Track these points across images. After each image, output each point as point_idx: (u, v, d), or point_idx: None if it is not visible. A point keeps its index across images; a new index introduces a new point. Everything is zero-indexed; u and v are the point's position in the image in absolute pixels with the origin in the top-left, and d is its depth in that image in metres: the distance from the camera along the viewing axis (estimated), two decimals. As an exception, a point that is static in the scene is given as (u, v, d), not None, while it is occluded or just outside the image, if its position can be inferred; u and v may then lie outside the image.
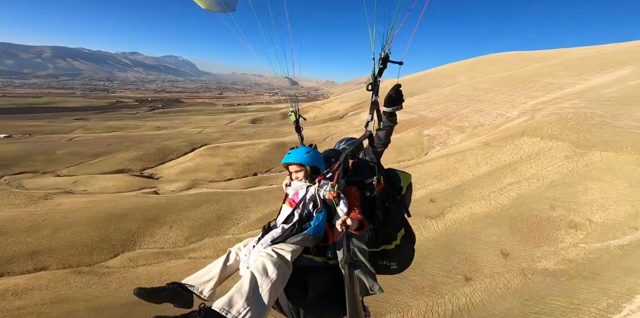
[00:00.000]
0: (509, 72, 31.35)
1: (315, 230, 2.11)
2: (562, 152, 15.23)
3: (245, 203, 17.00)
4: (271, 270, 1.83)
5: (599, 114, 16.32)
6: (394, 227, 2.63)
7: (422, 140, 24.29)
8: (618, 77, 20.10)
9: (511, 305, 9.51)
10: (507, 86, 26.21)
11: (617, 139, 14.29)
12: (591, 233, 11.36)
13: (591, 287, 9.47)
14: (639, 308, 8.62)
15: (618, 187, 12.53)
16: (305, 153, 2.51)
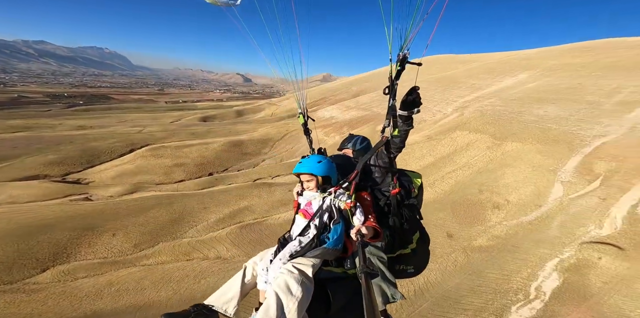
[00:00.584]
0: (442, 74, 35.68)
1: (334, 243, 2.08)
2: (485, 143, 18.16)
3: (204, 204, 16.03)
4: (295, 288, 1.82)
5: (509, 111, 19.88)
6: (409, 231, 2.58)
7: (375, 135, 26.00)
8: (520, 80, 24.78)
9: (460, 280, 11.15)
10: (442, 86, 29.86)
11: (522, 131, 17.63)
12: (509, 212, 13.95)
13: (514, 258, 11.74)
14: (549, 274, 11.07)
15: (524, 172, 15.58)
16: (317, 162, 2.42)
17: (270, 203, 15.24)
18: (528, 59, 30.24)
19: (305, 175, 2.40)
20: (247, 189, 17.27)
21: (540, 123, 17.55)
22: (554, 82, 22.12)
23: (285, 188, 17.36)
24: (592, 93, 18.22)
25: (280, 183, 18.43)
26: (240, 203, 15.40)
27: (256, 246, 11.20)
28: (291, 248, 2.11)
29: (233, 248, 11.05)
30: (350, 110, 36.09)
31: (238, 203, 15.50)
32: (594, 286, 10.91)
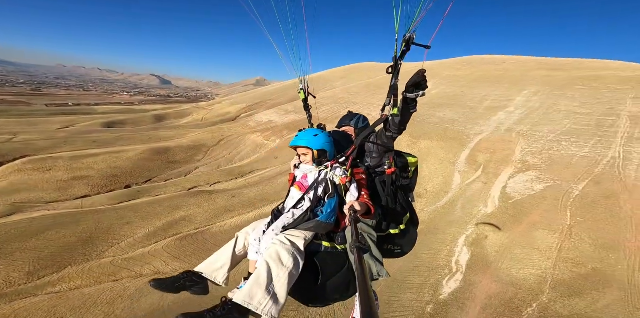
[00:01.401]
0: (369, 80, 40.52)
1: (327, 217, 2.10)
2: (406, 142, 21.52)
3: (125, 219, 13.55)
4: (286, 258, 1.85)
5: (420, 114, 24.20)
6: (400, 212, 2.59)
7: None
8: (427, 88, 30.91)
9: (402, 263, 12.80)
10: (371, 91, 33.93)
11: (431, 131, 21.71)
12: (428, 199, 16.89)
13: (437, 239, 14.24)
14: (462, 250, 13.86)
15: (435, 165, 19.18)
16: (313, 136, 2.41)
17: (213, 212, 14.08)
18: (430, 69, 37.77)
19: (301, 148, 2.42)
20: (182, 199, 15.45)
21: (441, 124, 21.93)
22: (447, 90, 28.22)
23: (229, 195, 16.34)
24: (470, 100, 24.11)
25: (221, 190, 17.20)
26: (175, 215, 13.66)
27: (201, 257, 10.16)
28: (284, 220, 2.14)
29: (174, 262, 9.71)
30: (289, 114, 36.72)
31: (172, 214, 13.71)
32: (490, 256, 14.21)
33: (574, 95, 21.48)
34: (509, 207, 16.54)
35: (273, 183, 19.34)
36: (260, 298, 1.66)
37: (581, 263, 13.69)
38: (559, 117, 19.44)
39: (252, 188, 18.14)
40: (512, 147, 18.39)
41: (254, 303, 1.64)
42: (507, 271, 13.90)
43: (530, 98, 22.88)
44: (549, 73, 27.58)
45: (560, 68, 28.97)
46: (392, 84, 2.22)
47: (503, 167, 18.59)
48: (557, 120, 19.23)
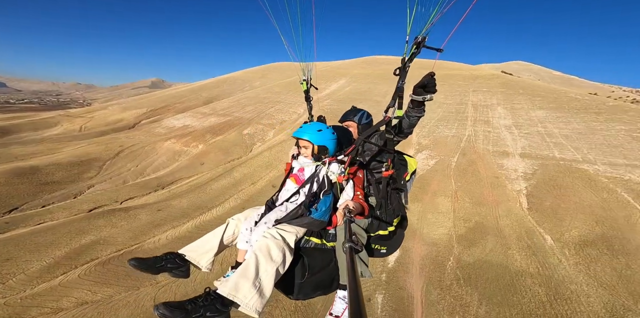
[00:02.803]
0: (288, 79, 41.99)
1: (322, 215, 2.10)
2: (334, 134, 24.05)
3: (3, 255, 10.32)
4: (275, 253, 1.85)
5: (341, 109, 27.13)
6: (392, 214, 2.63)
7: (244, 139, 26.74)
8: (341, 85, 34.37)
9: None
10: (291, 90, 35.38)
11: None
12: None
13: None
14: None
15: None
16: (316, 130, 2.40)
17: (137, 229, 12.23)
18: (340, 68, 42.39)
19: (303, 141, 2.42)
20: (85, 222, 12.71)
21: (361, 117, 25.49)
22: (358, 86, 32.60)
23: (153, 209, 14.41)
24: (376, 95, 28.80)
25: (140, 206, 14.95)
26: (80, 240, 11.20)
27: (144, 275, 8.89)
28: (278, 213, 2.15)
29: (105, 288, 8.12)
30: (208, 117, 34.17)
31: (76, 240, 11.19)
32: (414, 223, 17.42)
33: (441, 89, 28.86)
34: (417, 180, 20.92)
35: (206, 190, 18.16)
36: (246, 291, 1.66)
37: (468, 219, 18.35)
38: (435, 107, 25.71)
39: (182, 199, 16.59)
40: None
41: (239, 296, 1.65)
42: (427, 234, 17.46)
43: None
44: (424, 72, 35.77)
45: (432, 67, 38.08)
46: (399, 86, 2.26)
47: (408, 148, 23.19)
48: (434, 109, 25.35)
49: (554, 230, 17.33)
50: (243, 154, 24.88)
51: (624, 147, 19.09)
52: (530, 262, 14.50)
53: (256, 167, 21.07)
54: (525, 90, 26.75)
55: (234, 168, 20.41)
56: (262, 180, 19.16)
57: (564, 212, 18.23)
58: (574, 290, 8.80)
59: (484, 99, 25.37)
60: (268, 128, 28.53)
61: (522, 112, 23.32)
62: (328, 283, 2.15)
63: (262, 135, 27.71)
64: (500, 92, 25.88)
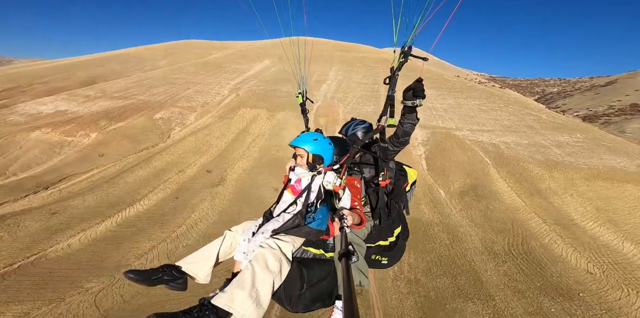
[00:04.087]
0: (204, 58, 37.45)
1: (319, 224, 2.11)
2: (265, 115, 23.36)
3: None
4: (272, 264, 1.84)
5: (268, 90, 26.60)
6: (392, 224, 2.64)
7: (157, 124, 22.93)
8: (265, 65, 33.35)
9: None
10: (211, 70, 31.86)
11: (283, 104, 24.73)
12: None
13: None
14: None
15: (294, 131, 22.39)
16: (312, 139, 2.41)
17: (27, 238, 9.25)
18: (264, 48, 40.77)
19: (299, 149, 2.45)
20: None
21: (288, 97, 25.53)
22: (284, 67, 32.37)
23: (43, 213, 11.02)
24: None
25: (21, 212, 11.19)
26: None
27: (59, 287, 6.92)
28: (275, 224, 2.15)
29: (12, 306, 5.95)
30: (96, 101, 27.16)
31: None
32: None
33: (358, 70, 32.26)
34: (348, 153, 23.36)
35: (118, 184, 15.12)
36: (242, 302, 1.63)
37: None
38: (354, 86, 28.58)
39: (86, 197, 13.38)
40: (337, 110, 25.02)
41: (235, 307, 1.62)
42: None
43: (337, 73, 31.53)
44: (343, 53, 38.87)
45: (349, 50, 41.63)
46: (389, 95, 2.33)
47: (336, 125, 25.12)
48: (354, 89, 28.15)
49: (444, 185, 22.56)
50: (159, 140, 21.42)
51: (477, 116, 25.94)
52: (434, 213, 18.72)
53: (181, 154, 18.69)
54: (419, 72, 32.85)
55: (151, 157, 17.49)
56: (193, 167, 17.30)
57: (449, 169, 23.75)
58: (463, 232, 11.72)
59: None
60: (187, 111, 25.22)
61: None
62: (328, 295, 2.13)
63: (181, 119, 24.36)
64: (402, 74, 30.93)
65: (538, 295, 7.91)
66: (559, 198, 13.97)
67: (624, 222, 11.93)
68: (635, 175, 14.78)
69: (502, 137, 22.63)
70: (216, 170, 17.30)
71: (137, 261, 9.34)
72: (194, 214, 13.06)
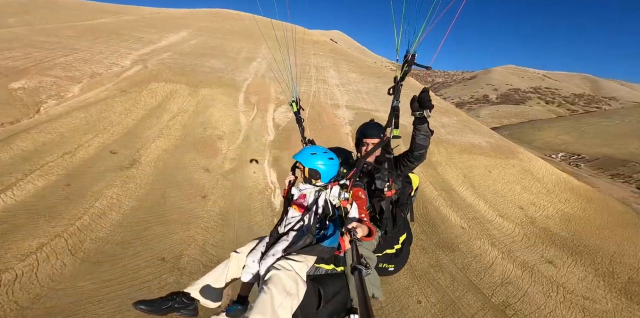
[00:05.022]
0: (87, 22, 29.27)
1: (330, 242, 2.05)
2: (186, 91, 20.37)
3: None
4: (289, 285, 1.79)
5: (188, 63, 23.28)
6: (398, 232, 2.65)
7: (17, 95, 16.85)
8: (183, 37, 28.85)
9: (241, 196, 13.47)
10: (101, 36, 25.21)
11: (206, 79, 22.14)
12: (229, 139, 18.29)
13: (253, 168, 16.29)
14: (269, 170, 16.72)
15: (222, 109, 20.44)
16: (309, 154, 2.34)
17: None
18: (183, 18, 34.92)
19: (300, 163, 2.42)
20: None
21: (214, 73, 23.02)
22: (207, 40, 28.81)
23: None
24: (230, 51, 27.09)
25: None
26: None
27: None
28: (284, 244, 2.09)
29: None
30: None
31: None
32: (287, 169, 18.94)
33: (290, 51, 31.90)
34: (281, 132, 22.76)
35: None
36: None
37: None
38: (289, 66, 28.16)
39: None
40: (269, 89, 24.23)
41: None
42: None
43: (267, 51, 30.30)
44: (272, 32, 37.25)
45: (280, 28, 40.24)
46: (394, 106, 2.30)
47: (268, 104, 24.25)
48: (288, 69, 27.72)
49: None
50: (22, 115, 15.95)
51: (390, 100, 30.39)
52: None
53: (65, 133, 14.49)
54: (345, 57, 34.82)
55: (13, 136, 13.00)
56: (87, 148, 13.71)
57: None
58: None
59: (321, 61, 30.74)
60: (67, 82, 19.47)
61: (344, 74, 30.66)
62: (342, 308, 2.12)
63: (57, 90, 18.74)
64: (331, 57, 32.31)
65: (435, 250, 9.19)
66: (443, 168, 17.41)
67: (479, 185, 13.96)
68: (485, 149, 19.87)
69: (408, 119, 26.87)
70: (123, 151, 13.94)
71: (22, 263, 6.79)
72: (99, 202, 10.31)
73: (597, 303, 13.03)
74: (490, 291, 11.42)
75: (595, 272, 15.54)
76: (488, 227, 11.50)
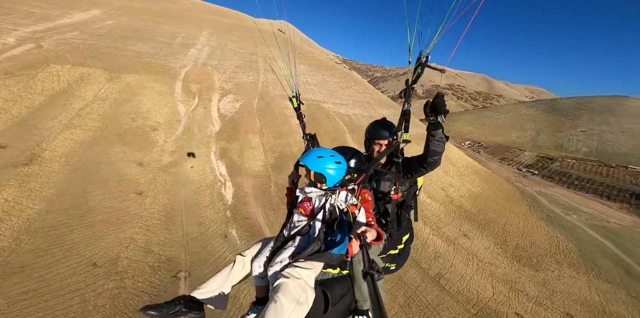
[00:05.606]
0: None
1: (340, 249, 1.99)
2: (103, 76, 17.26)
3: None
4: (299, 294, 1.77)
5: (105, 46, 19.75)
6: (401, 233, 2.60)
7: None
8: (96, 16, 24.14)
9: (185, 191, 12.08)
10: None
11: (131, 65, 19.23)
12: (165, 130, 16.46)
13: (194, 162, 14.81)
14: (217, 163, 15.47)
15: (155, 97, 18.18)
16: (315, 157, 2.22)
17: None
18: None
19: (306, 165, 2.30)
20: None
21: (141, 57, 20.13)
22: (129, 22, 24.72)
23: None
24: (161, 35, 23.93)
25: None
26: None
27: None
28: (291, 250, 2.05)
29: None
30: None
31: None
32: (236, 161, 18.03)
33: (234, 38, 30.00)
34: (228, 122, 21.42)
35: None
36: None
37: (274, 150, 21.98)
38: (231, 54, 26.52)
39: None
40: (212, 78, 22.50)
41: None
42: (250, 168, 19.08)
43: (209, 38, 27.90)
44: (215, 18, 34.54)
45: (224, 15, 37.41)
46: (404, 110, 2.21)
47: (211, 93, 22.49)
48: (231, 57, 26.13)
49: None
50: None
51: (337, 92, 31.13)
52: None
53: None
54: (295, 49, 34.77)
55: None
56: None
57: (319, 136, 27.57)
58: None
59: (269, 52, 29.81)
60: None
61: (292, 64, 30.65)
62: (346, 310, 2.14)
63: None
64: (280, 47, 31.62)
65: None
66: (382, 156, 20.11)
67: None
68: (415, 137, 24.51)
69: (353, 110, 28.54)
70: (17, 144, 10.88)
71: None
72: (-13, 207, 7.93)
73: (499, 268, 16.33)
74: (427, 265, 13.18)
75: (494, 241, 19.44)
76: (422, 208, 13.07)
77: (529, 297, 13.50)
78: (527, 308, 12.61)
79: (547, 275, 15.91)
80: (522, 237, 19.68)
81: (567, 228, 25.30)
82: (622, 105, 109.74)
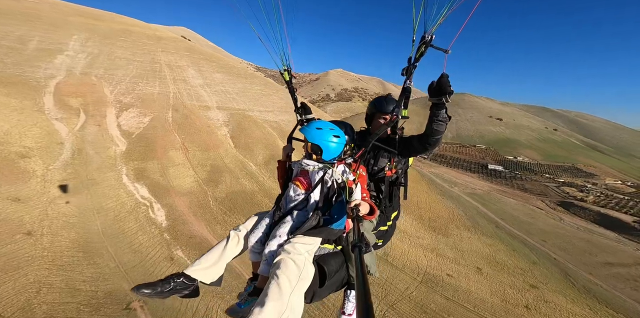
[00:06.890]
0: None
1: (339, 224, 1.96)
2: None
3: None
4: (299, 270, 1.75)
5: None
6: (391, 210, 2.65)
7: None
8: None
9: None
10: None
11: None
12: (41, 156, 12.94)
13: (106, 186, 11.89)
14: (135, 186, 12.91)
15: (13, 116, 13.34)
16: (314, 128, 2.20)
17: None
18: None
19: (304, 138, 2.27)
20: None
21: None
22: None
23: None
24: (4, 39, 17.46)
25: None
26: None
27: None
28: (289, 224, 2.00)
29: None
30: None
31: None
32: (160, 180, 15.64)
33: (123, 45, 24.75)
34: (137, 140, 17.90)
35: None
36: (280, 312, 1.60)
37: (204, 164, 20.09)
38: (124, 63, 22.11)
39: None
40: (101, 90, 18.56)
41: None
42: (180, 186, 16.80)
43: (85, 44, 22.29)
44: (89, 21, 27.34)
45: (99, 18, 29.74)
46: (405, 87, 2.21)
47: (104, 108, 18.23)
48: (124, 66, 21.86)
49: (252, 158, 25.28)
50: None
51: (260, 99, 31.08)
52: (252, 183, 20.69)
53: None
54: (205, 56, 31.84)
55: None
56: None
57: (252, 145, 26.77)
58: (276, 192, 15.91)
59: (175, 59, 26.52)
60: None
61: (207, 73, 28.07)
62: (340, 283, 2.16)
63: None
64: (187, 55, 28.22)
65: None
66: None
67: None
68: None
69: (279, 116, 28.82)
70: None
71: None
72: None
73: (424, 240, 20.44)
74: (376, 247, 15.52)
75: (415, 217, 24.11)
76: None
77: (450, 259, 17.41)
78: (452, 268, 16.26)
79: (455, 239, 20.83)
80: (430, 210, 24.91)
81: (454, 198, 33.50)
82: (464, 100, 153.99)
